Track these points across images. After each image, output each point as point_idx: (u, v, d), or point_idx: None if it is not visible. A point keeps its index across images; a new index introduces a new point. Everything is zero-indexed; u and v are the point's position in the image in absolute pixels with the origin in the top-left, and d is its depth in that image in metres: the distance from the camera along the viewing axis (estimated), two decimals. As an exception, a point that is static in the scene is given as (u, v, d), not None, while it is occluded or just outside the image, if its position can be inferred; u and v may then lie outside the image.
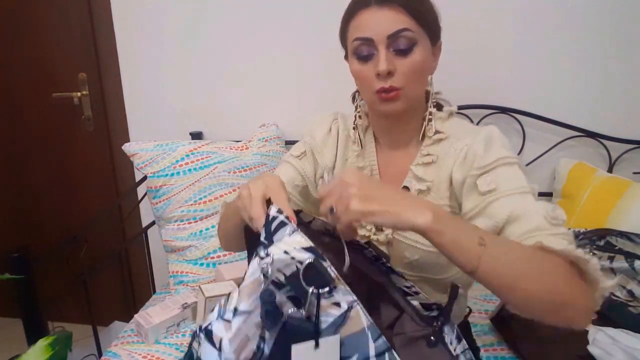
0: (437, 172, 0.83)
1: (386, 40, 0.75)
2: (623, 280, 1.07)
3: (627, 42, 1.31)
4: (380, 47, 0.76)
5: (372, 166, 0.90)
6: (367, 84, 0.79)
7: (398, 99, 0.78)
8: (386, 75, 0.76)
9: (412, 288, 0.70)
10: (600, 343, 0.88)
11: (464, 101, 1.38)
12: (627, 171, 1.37)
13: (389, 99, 0.78)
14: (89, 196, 1.86)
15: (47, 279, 1.16)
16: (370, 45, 0.76)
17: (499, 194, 0.71)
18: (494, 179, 0.72)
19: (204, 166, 1.34)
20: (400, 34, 0.75)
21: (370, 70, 0.77)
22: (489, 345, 1.05)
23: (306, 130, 0.96)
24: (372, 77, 0.78)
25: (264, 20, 1.48)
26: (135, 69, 1.61)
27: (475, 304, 1.22)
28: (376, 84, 0.77)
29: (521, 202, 0.69)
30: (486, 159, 0.74)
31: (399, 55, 0.76)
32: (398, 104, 0.79)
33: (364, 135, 0.91)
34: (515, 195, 0.70)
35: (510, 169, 0.74)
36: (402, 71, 0.76)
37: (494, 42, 1.37)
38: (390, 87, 0.76)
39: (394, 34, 0.74)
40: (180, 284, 1.32)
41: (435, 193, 0.82)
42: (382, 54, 0.75)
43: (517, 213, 0.68)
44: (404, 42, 0.75)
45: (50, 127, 1.80)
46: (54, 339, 0.89)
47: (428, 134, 0.84)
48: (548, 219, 0.66)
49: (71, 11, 1.63)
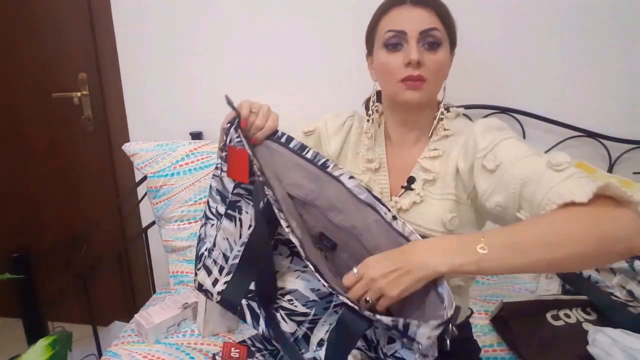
0: (443, 165, 0.88)
1: (418, 35, 0.82)
2: (623, 280, 1.07)
3: (627, 42, 1.31)
4: (411, 40, 0.82)
5: (381, 159, 0.96)
6: (394, 73, 0.85)
7: (422, 88, 0.84)
8: (416, 65, 0.82)
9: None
10: (600, 343, 0.88)
11: (464, 101, 1.38)
12: (627, 171, 1.37)
13: (414, 87, 0.83)
14: (89, 196, 1.86)
15: (47, 279, 1.16)
16: (401, 38, 0.83)
17: (505, 166, 0.76)
18: (497, 155, 0.77)
19: (204, 166, 1.34)
20: (431, 31, 0.82)
21: (398, 60, 0.83)
22: (489, 345, 1.05)
23: (323, 117, 1.03)
24: (399, 66, 0.83)
25: (265, 20, 1.48)
26: (135, 69, 1.61)
27: (475, 304, 1.22)
28: (403, 72, 0.83)
29: (527, 166, 0.74)
30: (485, 141, 0.80)
31: (428, 51, 0.83)
32: (421, 93, 0.84)
33: (377, 130, 0.98)
34: (519, 162, 0.75)
35: (509, 142, 0.79)
36: (429, 65, 0.83)
37: (494, 42, 1.37)
38: (418, 76, 0.82)
39: (425, 30, 0.82)
40: (180, 284, 1.32)
41: (441, 183, 0.88)
42: (414, 45, 0.82)
43: (526, 176, 0.72)
44: (433, 40, 0.83)
45: (50, 127, 1.80)
46: (54, 339, 0.89)
47: (437, 131, 0.91)
48: (553, 167, 0.70)
49: (71, 11, 1.63)
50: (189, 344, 1.07)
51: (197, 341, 1.09)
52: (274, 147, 0.84)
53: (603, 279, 1.10)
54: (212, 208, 0.87)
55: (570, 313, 1.01)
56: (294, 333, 0.81)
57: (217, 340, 1.09)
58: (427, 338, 0.62)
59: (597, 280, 1.11)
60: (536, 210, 0.70)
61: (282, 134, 0.85)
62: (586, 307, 1.02)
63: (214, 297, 0.88)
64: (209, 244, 0.88)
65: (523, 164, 0.74)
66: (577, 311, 1.01)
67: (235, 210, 0.84)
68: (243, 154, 0.76)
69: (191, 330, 1.12)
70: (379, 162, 0.95)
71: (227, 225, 0.85)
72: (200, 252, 0.90)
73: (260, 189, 0.73)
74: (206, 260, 0.89)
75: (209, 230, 0.89)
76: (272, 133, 0.84)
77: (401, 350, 0.70)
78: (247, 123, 0.82)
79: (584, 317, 1.00)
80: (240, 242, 0.84)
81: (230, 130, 0.80)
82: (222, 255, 0.87)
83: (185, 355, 1.03)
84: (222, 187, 0.84)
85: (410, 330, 0.62)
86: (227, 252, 0.86)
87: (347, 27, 1.37)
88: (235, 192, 0.83)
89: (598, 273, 1.13)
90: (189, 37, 1.54)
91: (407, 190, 0.90)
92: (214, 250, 0.88)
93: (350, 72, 1.41)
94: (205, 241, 0.89)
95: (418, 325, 0.61)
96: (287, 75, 1.51)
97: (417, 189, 0.88)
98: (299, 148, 0.84)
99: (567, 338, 0.95)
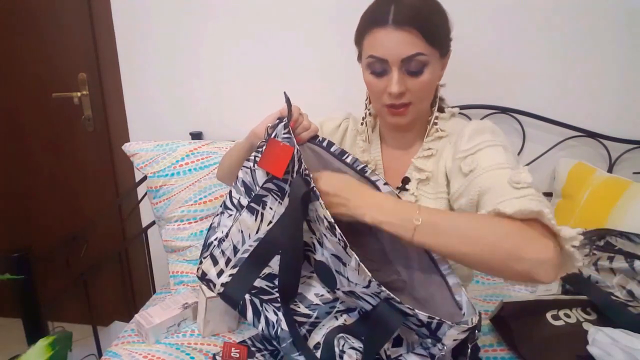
0: (436, 164, 0.88)
1: (400, 63, 0.79)
2: (623, 280, 1.07)
3: (628, 42, 1.31)
4: (393, 68, 0.80)
5: (376, 161, 0.96)
6: (378, 97, 0.85)
7: (406, 114, 0.84)
8: (398, 96, 0.81)
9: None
10: (600, 343, 0.88)
11: (464, 101, 1.38)
12: (627, 171, 1.37)
13: (397, 113, 0.84)
14: (89, 196, 1.86)
15: (47, 279, 1.16)
16: (384, 64, 0.81)
17: (478, 172, 0.76)
18: (475, 160, 0.78)
19: (204, 166, 1.34)
20: (414, 58, 0.79)
21: (382, 85, 0.82)
22: (489, 345, 1.05)
23: (318, 121, 1.02)
24: (383, 91, 0.83)
25: (265, 20, 1.48)
26: (135, 69, 1.61)
27: (475, 304, 1.21)
28: (387, 98, 0.83)
29: (494, 177, 0.74)
30: (469, 144, 0.80)
31: (411, 76, 0.81)
32: (406, 117, 0.85)
33: (371, 133, 0.98)
34: (491, 171, 0.75)
35: (492, 150, 0.78)
36: (413, 90, 0.82)
37: (494, 42, 1.37)
38: (401, 104, 0.82)
39: (408, 57, 0.79)
40: (180, 284, 1.32)
41: (434, 182, 0.88)
42: (395, 75, 0.80)
43: (487, 186, 0.74)
44: (417, 64, 0.80)
45: (50, 127, 1.80)
46: (54, 339, 0.89)
47: (431, 133, 0.91)
48: (512, 184, 0.71)
49: (71, 11, 1.63)
50: (189, 344, 1.07)
51: (197, 341, 1.09)
52: (316, 150, 0.87)
53: (603, 279, 1.10)
54: (234, 199, 0.87)
55: (570, 313, 1.01)
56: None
57: (217, 340, 1.09)
58: (453, 340, 0.63)
59: (597, 280, 1.11)
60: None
61: (323, 139, 0.87)
62: (586, 307, 1.02)
63: (216, 287, 0.87)
64: (221, 234, 0.87)
65: (493, 174, 0.74)
66: (577, 311, 1.01)
67: (259, 205, 0.83)
68: (288, 150, 0.77)
69: (191, 330, 1.12)
70: (374, 164, 0.95)
71: (247, 218, 0.84)
72: (209, 240, 0.89)
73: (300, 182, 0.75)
74: (214, 249, 0.88)
75: (225, 220, 0.88)
76: (314, 137, 0.87)
77: (406, 355, 0.71)
78: (296, 124, 0.84)
79: (584, 317, 1.00)
80: (255, 237, 0.83)
81: (278, 126, 0.81)
82: (232, 247, 0.86)
83: (186, 355, 1.03)
84: (251, 179, 0.84)
85: (442, 329, 0.63)
86: (239, 245, 0.85)
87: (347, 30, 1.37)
88: (265, 187, 0.82)
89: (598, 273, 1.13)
90: (189, 37, 1.54)
91: (402, 190, 0.90)
92: (225, 241, 0.86)
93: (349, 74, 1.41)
94: (217, 230, 0.88)
95: (450, 326, 0.62)
96: (287, 76, 1.52)
97: (411, 189, 0.89)
98: (339, 153, 0.86)
99: (567, 338, 0.95)
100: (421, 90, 0.82)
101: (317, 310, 0.80)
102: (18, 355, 0.87)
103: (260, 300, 0.83)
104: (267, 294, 0.83)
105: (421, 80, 0.81)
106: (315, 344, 0.80)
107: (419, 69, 0.80)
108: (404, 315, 0.65)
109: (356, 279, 0.70)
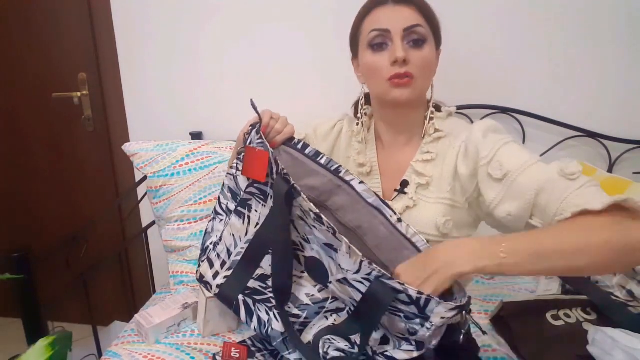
0: (437, 169, 0.87)
1: (402, 33, 0.81)
2: (623, 281, 1.07)
3: (627, 42, 1.31)
4: (396, 38, 0.82)
5: (372, 163, 0.95)
6: (381, 73, 0.84)
7: (410, 85, 0.83)
8: (402, 63, 0.81)
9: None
10: (600, 343, 0.88)
11: (464, 101, 1.38)
12: (627, 171, 1.37)
13: (402, 84, 0.83)
14: (89, 196, 1.86)
15: (47, 279, 1.16)
16: (386, 37, 0.83)
17: (513, 174, 0.76)
18: (502, 162, 0.77)
19: (204, 166, 1.34)
20: (415, 28, 0.82)
21: (384, 60, 0.83)
22: (488, 345, 1.05)
23: (313, 123, 1.04)
24: (386, 65, 0.83)
25: (265, 20, 1.48)
26: (135, 69, 1.61)
27: (475, 304, 1.22)
28: (390, 70, 0.83)
29: (537, 174, 0.74)
30: (487, 147, 0.79)
31: (413, 48, 0.82)
32: (409, 90, 0.84)
33: (367, 133, 0.98)
34: (528, 170, 0.75)
35: (510, 148, 0.79)
36: (416, 62, 0.82)
37: (494, 42, 1.37)
38: (405, 73, 0.82)
39: (409, 27, 0.81)
40: (180, 284, 1.32)
41: (435, 187, 0.87)
42: (398, 43, 0.82)
43: (539, 185, 0.73)
44: (418, 36, 0.82)
45: (50, 127, 1.80)
46: (54, 339, 0.89)
47: (428, 132, 0.89)
48: (566, 176, 0.71)
49: (71, 11, 1.63)
50: (189, 344, 1.07)
51: (197, 341, 1.09)
52: (291, 152, 0.89)
53: (603, 279, 1.10)
54: (222, 204, 0.92)
55: (570, 313, 1.01)
56: (283, 333, 0.83)
57: (217, 340, 1.09)
58: (441, 318, 0.64)
59: (597, 280, 1.11)
60: (550, 218, 0.71)
61: (298, 141, 0.90)
62: (586, 307, 1.02)
63: (212, 289, 0.91)
64: (215, 238, 0.92)
65: (532, 172, 0.75)
66: (577, 311, 1.01)
67: (245, 208, 0.87)
68: (263, 155, 0.81)
69: (191, 330, 1.12)
70: (370, 165, 0.94)
71: (235, 222, 0.88)
72: (205, 244, 0.94)
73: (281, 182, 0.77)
74: (210, 253, 0.92)
75: (217, 225, 0.92)
76: (289, 139, 0.89)
77: (392, 351, 0.71)
78: (268, 128, 0.86)
79: (584, 317, 0.99)
80: (245, 240, 0.86)
81: (252, 133, 0.85)
82: (226, 250, 0.90)
83: (186, 355, 1.03)
84: (235, 185, 0.89)
85: (430, 306, 0.64)
86: (232, 248, 0.89)
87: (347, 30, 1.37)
88: (247, 191, 0.86)
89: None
90: (189, 37, 1.54)
91: (400, 194, 0.89)
92: (219, 245, 0.91)
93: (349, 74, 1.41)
94: (211, 235, 0.93)
95: (439, 302, 0.64)
96: (287, 76, 1.51)
97: (410, 193, 0.88)
98: (314, 154, 0.88)
99: (567, 338, 0.95)
100: (423, 65, 0.83)
101: (306, 311, 0.81)
102: (18, 355, 0.87)
103: (253, 300, 0.86)
104: (260, 294, 0.86)
105: (423, 54, 0.83)
106: (306, 343, 0.81)
107: (420, 40, 0.82)
108: (394, 292, 0.67)
109: (347, 264, 0.72)
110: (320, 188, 0.89)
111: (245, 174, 0.85)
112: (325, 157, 0.87)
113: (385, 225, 0.81)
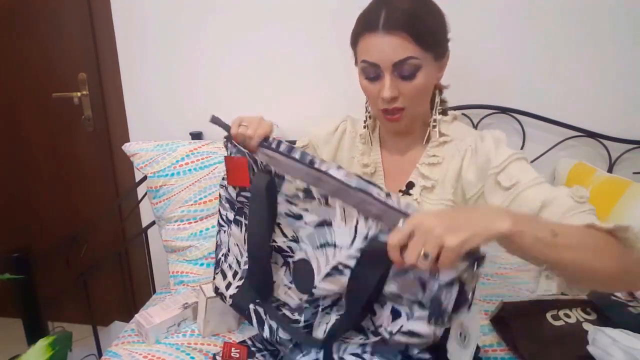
0: (442, 172, 0.87)
1: (391, 67, 0.79)
2: (623, 281, 1.07)
3: (627, 42, 1.31)
4: (385, 73, 0.80)
5: (376, 164, 0.95)
6: (373, 101, 0.85)
7: (401, 119, 0.84)
8: (391, 101, 0.81)
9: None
10: (600, 343, 0.88)
11: (464, 101, 1.38)
12: (627, 171, 1.37)
13: (392, 119, 0.84)
14: (89, 196, 1.86)
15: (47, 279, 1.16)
16: (376, 69, 0.81)
17: (522, 186, 0.77)
18: (513, 174, 0.78)
19: (204, 166, 1.34)
20: (405, 62, 0.78)
21: (376, 90, 0.82)
22: (489, 345, 1.05)
23: (313, 130, 1.04)
24: (377, 96, 0.82)
25: (265, 20, 1.48)
26: (135, 69, 1.61)
27: (474, 304, 1.21)
28: (381, 103, 0.83)
29: (545, 190, 0.75)
30: (499, 158, 0.80)
31: (404, 80, 0.80)
32: (401, 123, 0.85)
33: (372, 135, 0.97)
34: (536, 185, 0.76)
35: (520, 164, 0.80)
36: (406, 94, 0.81)
37: (494, 42, 1.37)
38: (394, 109, 0.82)
39: (399, 62, 0.78)
40: (180, 284, 1.32)
41: (439, 190, 0.87)
42: (387, 80, 0.79)
43: (547, 199, 0.74)
44: (409, 68, 0.79)
45: (50, 127, 1.80)
46: (54, 339, 0.89)
47: (433, 137, 0.90)
48: (575, 198, 0.72)
49: (71, 11, 1.63)
50: (189, 344, 1.07)
51: (197, 341, 1.09)
52: (266, 152, 0.85)
53: (603, 279, 1.10)
54: (223, 215, 0.93)
55: (570, 313, 1.01)
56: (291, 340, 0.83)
57: (217, 340, 1.09)
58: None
59: (597, 280, 1.11)
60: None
61: (272, 140, 0.85)
62: (586, 307, 1.02)
63: (227, 300, 0.93)
64: (225, 249, 0.94)
65: (541, 188, 0.76)
66: (577, 311, 1.01)
67: (241, 216, 0.88)
68: (242, 161, 0.82)
69: (191, 330, 1.12)
70: (374, 166, 0.95)
71: (236, 231, 0.89)
72: (217, 257, 0.96)
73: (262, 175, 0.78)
74: (223, 264, 0.95)
75: (223, 237, 0.95)
76: (264, 140, 0.84)
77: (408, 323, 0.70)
78: (238, 135, 0.85)
79: (584, 317, 1.00)
80: (246, 248, 0.86)
81: (228, 145, 0.87)
82: (235, 261, 0.91)
83: (186, 355, 1.03)
84: (229, 195, 0.90)
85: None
86: (239, 258, 0.90)
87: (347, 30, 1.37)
88: (238, 200, 0.88)
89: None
90: (189, 37, 1.54)
91: (405, 195, 0.89)
92: (229, 256, 0.93)
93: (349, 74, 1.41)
94: (221, 247, 0.95)
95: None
96: (287, 76, 1.51)
97: (414, 194, 0.88)
98: (287, 151, 0.83)
99: (567, 338, 0.95)
100: (414, 95, 0.81)
101: (303, 314, 0.80)
102: (18, 355, 0.87)
103: (263, 309, 0.86)
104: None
105: (414, 85, 0.80)
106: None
107: (411, 73, 0.79)
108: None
109: (343, 237, 0.70)
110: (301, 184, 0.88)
111: (232, 183, 0.87)
112: (299, 152, 0.81)
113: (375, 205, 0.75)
